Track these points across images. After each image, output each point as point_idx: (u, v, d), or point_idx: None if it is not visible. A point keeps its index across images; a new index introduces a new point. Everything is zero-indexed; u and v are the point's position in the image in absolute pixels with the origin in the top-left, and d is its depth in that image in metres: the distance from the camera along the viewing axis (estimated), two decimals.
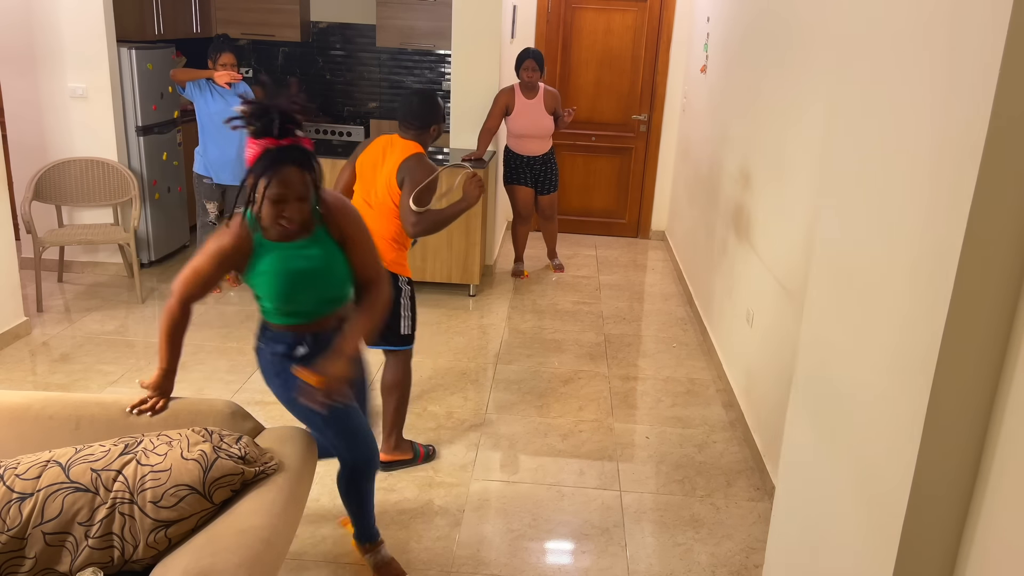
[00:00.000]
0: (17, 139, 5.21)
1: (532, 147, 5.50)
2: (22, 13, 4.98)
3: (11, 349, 4.29)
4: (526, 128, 5.42)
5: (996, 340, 1.39)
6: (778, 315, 3.32)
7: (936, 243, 1.45)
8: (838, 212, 1.98)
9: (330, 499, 3.07)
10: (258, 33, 7.03)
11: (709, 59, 5.43)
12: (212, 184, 5.04)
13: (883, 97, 1.75)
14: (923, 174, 1.52)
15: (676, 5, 6.48)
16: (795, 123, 3.31)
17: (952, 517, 1.49)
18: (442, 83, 7.40)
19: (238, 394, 3.87)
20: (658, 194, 6.96)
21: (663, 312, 5.30)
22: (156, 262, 5.67)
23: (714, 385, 4.21)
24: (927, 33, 1.55)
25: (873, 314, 1.72)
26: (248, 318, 4.80)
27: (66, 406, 2.26)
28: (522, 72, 5.32)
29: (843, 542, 1.84)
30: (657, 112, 6.74)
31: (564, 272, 5.93)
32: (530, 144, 5.49)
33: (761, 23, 4.05)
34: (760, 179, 3.81)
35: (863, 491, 1.73)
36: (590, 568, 2.79)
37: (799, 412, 2.23)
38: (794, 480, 2.24)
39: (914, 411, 1.49)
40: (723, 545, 2.93)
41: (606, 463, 3.43)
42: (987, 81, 1.30)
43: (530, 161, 5.54)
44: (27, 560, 1.85)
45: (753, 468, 3.43)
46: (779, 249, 3.39)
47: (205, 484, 1.89)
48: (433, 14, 6.84)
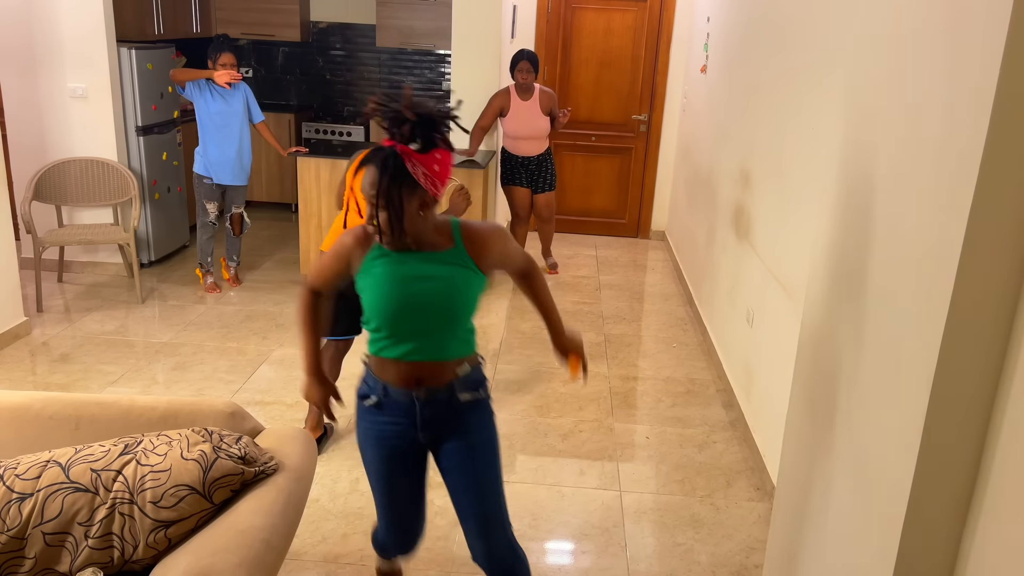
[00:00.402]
0: (17, 139, 5.21)
1: (527, 148, 5.51)
2: (22, 13, 4.98)
3: (11, 349, 4.29)
4: (520, 130, 5.42)
5: (996, 340, 1.39)
6: (778, 315, 3.32)
7: (936, 243, 1.45)
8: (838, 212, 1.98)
9: (330, 499, 3.07)
10: (258, 33, 7.03)
11: (709, 59, 5.43)
12: (212, 184, 5.04)
13: (884, 97, 1.75)
14: (923, 174, 1.52)
15: (676, 5, 6.48)
16: (795, 123, 3.30)
17: (952, 517, 1.49)
18: (442, 83, 7.40)
19: (238, 394, 3.87)
20: (658, 194, 6.95)
21: (663, 312, 5.29)
22: (156, 262, 5.67)
23: (714, 385, 4.21)
24: (928, 33, 1.55)
25: (873, 314, 1.72)
26: (248, 318, 4.80)
27: (66, 406, 2.26)
28: (516, 74, 5.33)
29: (843, 542, 1.84)
30: (657, 112, 6.74)
31: (558, 273, 5.92)
32: (525, 145, 5.50)
33: (761, 23, 4.04)
34: (760, 179, 3.81)
35: (863, 491, 1.73)
36: (590, 568, 2.79)
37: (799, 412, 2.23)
38: (794, 480, 2.24)
39: (914, 411, 1.49)
40: (723, 545, 2.93)
41: (606, 463, 3.43)
42: (987, 81, 1.30)
43: (526, 162, 5.54)
44: (27, 560, 1.85)
45: (753, 468, 3.43)
46: (779, 249, 3.38)
47: (205, 484, 1.88)
48: (433, 14, 6.84)
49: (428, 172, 1.79)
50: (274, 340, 4.50)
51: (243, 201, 5.26)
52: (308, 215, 5.22)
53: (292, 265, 5.75)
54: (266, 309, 4.97)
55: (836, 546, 1.88)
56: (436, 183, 1.82)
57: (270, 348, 4.39)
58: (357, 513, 3.00)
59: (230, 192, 5.17)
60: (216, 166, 4.98)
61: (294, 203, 7.20)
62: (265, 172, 7.10)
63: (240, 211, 5.26)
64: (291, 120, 7.04)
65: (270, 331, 4.63)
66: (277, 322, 4.77)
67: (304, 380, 2.13)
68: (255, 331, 4.62)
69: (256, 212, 6.90)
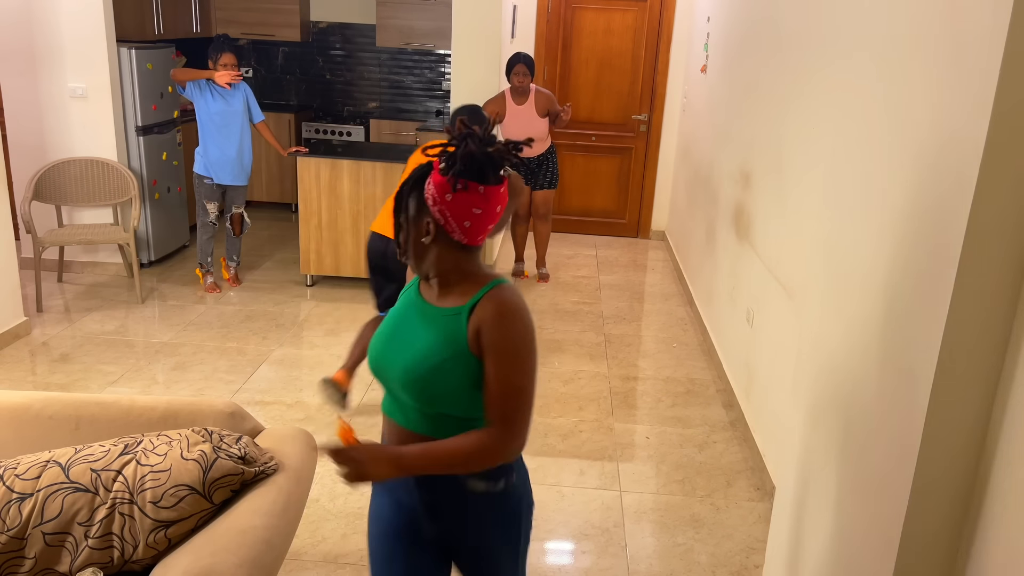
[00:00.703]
0: (17, 139, 5.21)
1: (526, 150, 5.50)
2: (22, 13, 4.98)
3: (11, 349, 4.29)
4: (518, 135, 5.40)
5: (996, 339, 1.39)
6: (778, 315, 3.32)
7: (936, 243, 1.45)
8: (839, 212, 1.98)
9: (330, 499, 3.07)
10: (258, 33, 7.03)
11: (709, 59, 5.43)
12: (212, 184, 5.04)
13: (884, 97, 1.75)
14: (924, 174, 1.52)
15: (676, 5, 6.48)
16: (795, 122, 3.31)
17: (953, 517, 1.49)
18: (442, 83, 7.40)
19: (238, 394, 3.87)
20: (658, 194, 6.95)
21: (663, 312, 5.29)
22: (156, 262, 5.67)
23: (714, 385, 4.21)
24: (928, 32, 1.55)
25: (873, 314, 1.72)
26: (248, 318, 4.80)
27: (66, 406, 2.26)
28: (512, 77, 5.31)
29: (843, 542, 1.84)
30: (657, 112, 6.74)
31: (548, 282, 5.84)
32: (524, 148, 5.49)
33: (761, 23, 4.04)
34: (760, 179, 3.81)
35: (863, 491, 1.73)
36: (590, 568, 2.78)
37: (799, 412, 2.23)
38: (794, 480, 2.24)
39: (914, 410, 1.49)
40: (723, 545, 2.93)
41: (606, 463, 3.43)
42: (987, 80, 1.30)
43: (526, 162, 5.53)
44: (27, 560, 1.85)
45: (753, 468, 3.43)
46: (779, 249, 3.38)
47: (205, 484, 1.88)
48: (433, 14, 6.84)
49: (438, 200, 1.52)
50: (274, 340, 4.50)
51: (243, 201, 5.26)
52: (308, 215, 5.22)
53: (292, 265, 5.75)
54: (266, 309, 4.96)
55: (836, 546, 1.88)
56: (448, 217, 1.53)
57: (270, 348, 4.39)
58: (357, 513, 3.00)
59: (230, 192, 5.17)
60: (216, 166, 4.98)
61: (294, 203, 7.20)
62: (265, 172, 7.11)
63: (240, 211, 5.26)
64: (291, 120, 7.04)
65: (270, 331, 4.63)
66: (277, 322, 4.77)
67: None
68: (255, 331, 4.62)
69: (256, 212, 6.89)
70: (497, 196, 1.55)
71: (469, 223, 1.54)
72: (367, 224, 5.21)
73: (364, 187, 5.15)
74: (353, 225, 5.22)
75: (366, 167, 5.12)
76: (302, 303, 5.10)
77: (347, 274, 5.34)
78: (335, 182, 5.15)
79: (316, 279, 5.45)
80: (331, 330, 4.68)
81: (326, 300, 5.15)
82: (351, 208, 5.19)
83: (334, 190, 5.16)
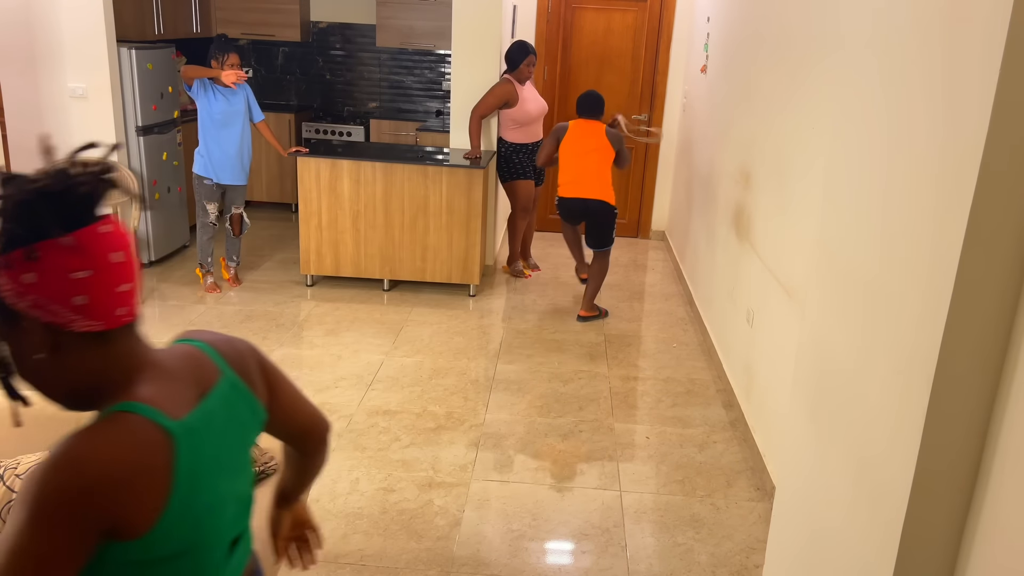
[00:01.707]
0: (17, 139, 5.21)
1: (538, 130, 5.55)
2: (22, 13, 4.98)
3: None
4: (535, 109, 5.43)
5: (996, 339, 1.39)
6: (778, 315, 3.32)
7: (936, 243, 1.45)
8: (839, 212, 1.98)
9: (330, 499, 3.07)
10: (258, 33, 7.03)
11: (709, 59, 5.43)
12: (212, 184, 5.04)
13: (884, 96, 1.75)
14: (924, 173, 1.52)
15: (676, 5, 6.48)
16: (795, 122, 3.31)
17: (953, 516, 1.49)
18: (442, 83, 7.40)
19: None
20: (658, 194, 6.95)
21: (663, 312, 5.29)
22: (156, 262, 5.67)
23: (714, 385, 4.21)
24: (928, 32, 1.55)
25: (873, 314, 1.72)
26: (248, 318, 4.80)
27: None
28: (525, 67, 5.30)
29: (843, 542, 1.84)
30: (657, 112, 6.74)
31: (539, 271, 5.96)
32: (537, 127, 5.53)
33: (761, 22, 4.04)
34: (760, 179, 3.81)
35: (863, 491, 1.73)
36: (590, 568, 2.79)
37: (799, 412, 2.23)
38: (794, 480, 2.24)
39: (914, 410, 1.49)
40: (723, 545, 2.93)
41: (606, 463, 3.43)
42: (988, 80, 1.30)
43: (535, 148, 5.49)
44: None
45: (753, 468, 3.43)
46: (779, 249, 3.38)
47: None
48: (433, 14, 6.84)
49: (23, 291, 1.03)
50: (274, 340, 4.50)
51: (243, 201, 5.26)
52: (308, 215, 5.22)
53: (292, 265, 5.75)
54: (266, 309, 4.96)
55: (836, 546, 1.88)
56: (49, 306, 1.04)
57: (270, 348, 4.39)
58: (357, 513, 3.00)
59: (230, 192, 5.17)
60: (217, 165, 4.98)
61: (294, 203, 7.20)
62: (265, 172, 7.11)
63: (240, 211, 5.26)
64: (291, 120, 7.04)
65: (270, 331, 4.63)
66: (277, 322, 4.77)
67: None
68: (255, 331, 4.61)
69: (256, 212, 6.90)
70: (101, 239, 1.09)
71: (82, 297, 1.04)
72: (367, 224, 5.21)
73: (364, 187, 5.15)
74: (353, 225, 5.22)
75: (366, 167, 5.12)
76: (302, 303, 5.10)
77: (347, 274, 5.34)
78: (335, 182, 5.15)
79: (316, 279, 5.45)
80: (331, 330, 4.68)
81: (326, 300, 5.15)
82: (351, 208, 5.19)
83: (334, 190, 5.16)
